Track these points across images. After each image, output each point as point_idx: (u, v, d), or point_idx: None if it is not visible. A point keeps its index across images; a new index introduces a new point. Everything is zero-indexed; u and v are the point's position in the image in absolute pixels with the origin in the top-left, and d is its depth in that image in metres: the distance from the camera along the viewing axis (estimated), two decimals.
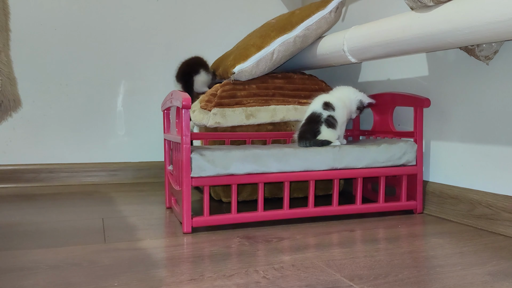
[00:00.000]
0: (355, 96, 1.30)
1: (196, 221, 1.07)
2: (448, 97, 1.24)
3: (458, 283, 0.74)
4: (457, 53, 1.20)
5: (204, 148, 1.11)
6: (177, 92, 1.09)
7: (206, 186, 1.07)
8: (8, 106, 1.03)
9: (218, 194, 1.43)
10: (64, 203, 1.42)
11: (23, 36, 1.72)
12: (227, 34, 1.97)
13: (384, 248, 0.93)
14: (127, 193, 1.60)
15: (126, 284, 0.73)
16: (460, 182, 1.20)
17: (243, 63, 1.37)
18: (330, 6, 1.43)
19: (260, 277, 0.76)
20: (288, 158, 1.13)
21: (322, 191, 1.52)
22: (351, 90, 1.32)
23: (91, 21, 1.80)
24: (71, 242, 0.98)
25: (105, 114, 1.84)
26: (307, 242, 0.98)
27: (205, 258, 0.86)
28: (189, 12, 1.92)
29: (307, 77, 1.52)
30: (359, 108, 1.30)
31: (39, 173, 1.75)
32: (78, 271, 0.79)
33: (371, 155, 1.20)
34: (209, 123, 1.35)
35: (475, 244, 0.97)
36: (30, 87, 1.74)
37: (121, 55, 1.84)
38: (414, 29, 1.05)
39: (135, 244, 0.96)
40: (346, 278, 0.76)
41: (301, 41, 1.42)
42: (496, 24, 0.86)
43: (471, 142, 1.17)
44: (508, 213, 1.04)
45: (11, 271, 0.79)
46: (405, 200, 1.26)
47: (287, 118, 1.42)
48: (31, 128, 1.75)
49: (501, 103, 1.08)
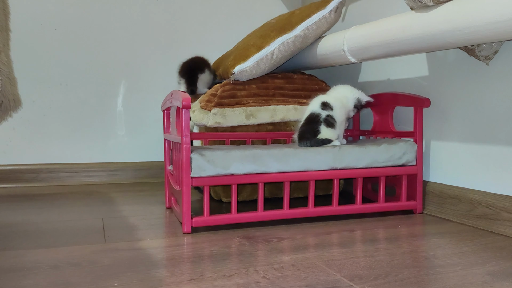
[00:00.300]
0: (352, 95, 1.30)
1: (196, 221, 1.07)
2: (448, 97, 1.24)
3: (458, 283, 0.74)
4: (457, 53, 1.20)
5: (204, 148, 1.11)
6: (177, 92, 1.09)
7: (206, 186, 1.07)
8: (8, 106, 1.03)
9: (218, 194, 1.43)
10: (64, 203, 1.42)
11: (23, 36, 1.72)
12: (227, 34, 1.97)
13: (384, 248, 0.93)
14: (127, 193, 1.60)
15: (126, 284, 0.73)
16: (460, 182, 1.20)
17: (243, 63, 1.37)
18: (330, 6, 1.43)
19: (260, 277, 0.76)
20: (288, 158, 1.13)
21: (322, 191, 1.52)
22: (349, 88, 1.32)
23: (91, 21, 1.80)
24: (71, 242, 0.98)
25: (105, 114, 1.84)
26: (307, 242, 0.98)
27: (205, 258, 0.86)
28: (189, 12, 1.92)
29: (307, 77, 1.52)
30: (357, 106, 1.30)
31: (39, 173, 1.75)
32: (78, 271, 0.79)
33: (371, 155, 1.20)
34: (209, 123, 1.35)
35: (475, 244, 0.97)
36: (30, 87, 1.74)
37: (121, 55, 1.84)
38: (414, 29, 1.05)
39: (135, 244, 0.96)
40: (346, 278, 0.76)
41: (301, 41, 1.42)
42: (496, 24, 0.86)
43: (471, 142, 1.17)
44: (508, 213, 1.04)
45: (11, 271, 0.79)
46: (405, 200, 1.26)
47: (287, 118, 1.42)
48: (31, 128, 1.75)
49: (501, 103, 1.08)
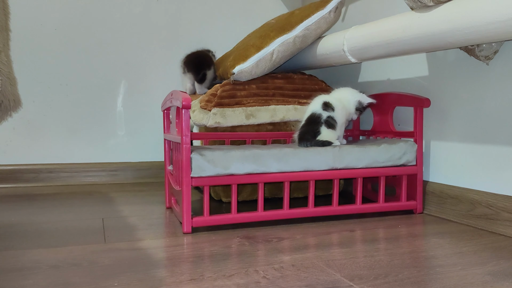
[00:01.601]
0: (353, 97, 1.30)
1: (196, 221, 1.07)
2: (448, 97, 1.24)
3: (458, 283, 0.74)
4: (457, 53, 1.20)
5: (204, 148, 1.11)
6: (177, 92, 1.09)
7: (206, 186, 1.07)
8: (8, 106, 1.03)
9: (218, 194, 1.43)
10: (64, 203, 1.42)
11: (23, 36, 1.72)
12: (227, 34, 1.97)
13: (384, 248, 0.93)
14: (127, 193, 1.60)
15: (126, 284, 0.73)
16: (460, 182, 1.20)
17: (242, 63, 1.37)
18: (329, 6, 1.43)
19: (260, 277, 0.76)
20: (288, 158, 1.13)
21: (322, 191, 1.52)
22: (350, 91, 1.32)
23: (91, 21, 1.80)
24: (71, 242, 0.98)
25: (105, 114, 1.84)
26: (307, 242, 0.98)
27: (205, 258, 0.86)
28: (189, 12, 1.92)
29: (307, 77, 1.52)
30: (358, 109, 1.30)
31: (39, 173, 1.75)
32: (78, 271, 0.79)
33: (371, 155, 1.20)
34: (209, 123, 1.35)
35: (475, 244, 0.97)
36: (30, 87, 1.74)
37: (121, 55, 1.84)
38: (414, 29, 1.05)
39: (135, 244, 0.96)
40: (346, 278, 0.76)
41: (301, 41, 1.42)
42: (496, 24, 0.86)
43: (471, 142, 1.17)
44: (508, 213, 1.04)
45: (11, 271, 0.79)
46: (405, 200, 1.26)
47: (287, 118, 1.42)
48: (31, 128, 1.75)
49: (501, 103, 1.08)
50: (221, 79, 1.53)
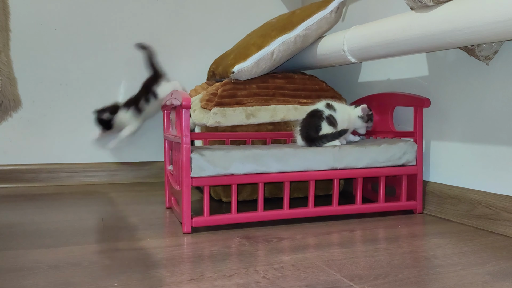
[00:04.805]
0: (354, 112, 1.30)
1: (196, 221, 1.07)
2: (448, 97, 1.24)
3: (458, 283, 0.74)
4: (457, 53, 1.20)
5: (204, 148, 1.11)
6: (177, 92, 1.09)
7: (206, 186, 1.07)
8: (8, 106, 1.03)
9: (218, 194, 1.43)
10: (64, 203, 1.42)
11: (23, 36, 1.72)
12: (227, 34, 1.97)
13: (384, 248, 0.93)
14: (127, 193, 1.60)
15: (126, 284, 0.73)
16: (460, 182, 1.20)
17: (243, 62, 1.37)
18: (331, 6, 1.43)
19: (260, 277, 0.76)
20: (288, 158, 1.13)
21: (322, 191, 1.52)
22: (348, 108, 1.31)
23: (91, 21, 1.80)
24: (71, 242, 0.98)
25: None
26: (307, 242, 0.98)
27: (205, 258, 0.86)
28: (189, 12, 1.92)
29: (307, 77, 1.52)
30: (362, 117, 1.29)
31: (39, 173, 1.75)
32: (78, 271, 0.79)
33: (371, 155, 1.20)
34: (209, 123, 1.35)
35: (475, 244, 0.97)
36: (30, 87, 1.74)
37: (121, 55, 1.84)
38: (414, 29, 1.05)
39: (135, 244, 0.96)
40: (346, 278, 0.76)
41: (302, 41, 1.42)
42: (496, 24, 0.86)
43: (471, 142, 1.17)
44: (508, 213, 1.04)
45: (11, 271, 0.79)
46: (405, 200, 1.26)
47: (287, 118, 1.42)
48: (31, 128, 1.75)
49: (501, 103, 1.08)
50: (221, 78, 1.53)
